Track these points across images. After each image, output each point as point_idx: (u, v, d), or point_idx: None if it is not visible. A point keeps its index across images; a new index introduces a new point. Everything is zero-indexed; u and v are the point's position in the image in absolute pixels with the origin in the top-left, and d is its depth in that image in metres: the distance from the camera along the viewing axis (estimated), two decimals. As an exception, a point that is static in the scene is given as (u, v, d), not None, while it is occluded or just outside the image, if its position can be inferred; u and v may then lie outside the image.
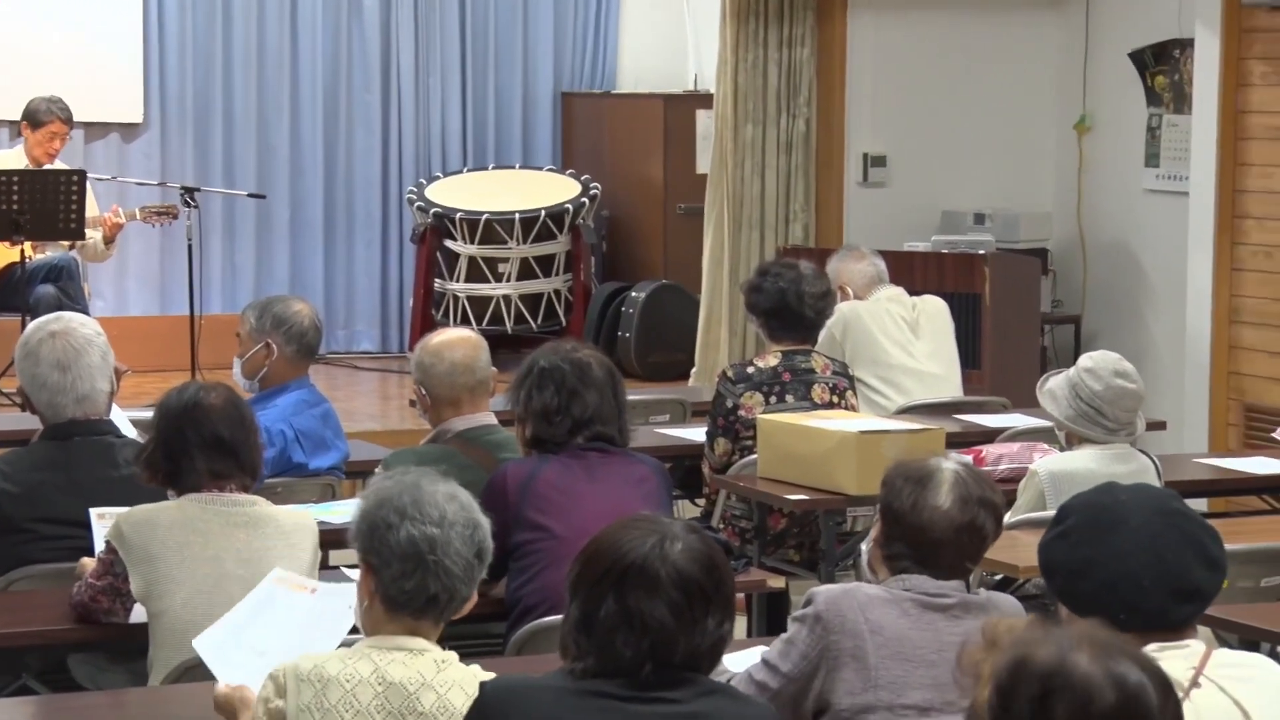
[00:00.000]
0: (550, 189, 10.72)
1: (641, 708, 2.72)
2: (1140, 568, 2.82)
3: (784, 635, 3.63)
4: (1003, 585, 4.96)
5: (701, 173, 9.92)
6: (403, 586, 3.12)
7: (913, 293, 7.39)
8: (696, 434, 6.46)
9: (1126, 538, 2.84)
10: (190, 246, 9.08)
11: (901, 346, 7.16)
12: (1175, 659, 2.80)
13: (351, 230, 11.24)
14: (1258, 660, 2.91)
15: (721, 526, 6.08)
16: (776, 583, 4.95)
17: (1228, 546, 4.76)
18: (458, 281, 10.54)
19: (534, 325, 10.42)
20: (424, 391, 4.91)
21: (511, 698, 2.73)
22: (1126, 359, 5.37)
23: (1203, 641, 2.86)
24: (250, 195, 10.22)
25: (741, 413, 6.11)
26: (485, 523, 3.22)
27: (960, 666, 2.34)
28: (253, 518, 4.13)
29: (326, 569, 4.43)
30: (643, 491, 4.51)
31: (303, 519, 4.25)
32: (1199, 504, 7.23)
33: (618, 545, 2.76)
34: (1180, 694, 2.76)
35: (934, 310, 7.34)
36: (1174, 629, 2.85)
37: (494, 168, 11.20)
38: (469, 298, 10.52)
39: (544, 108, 11.49)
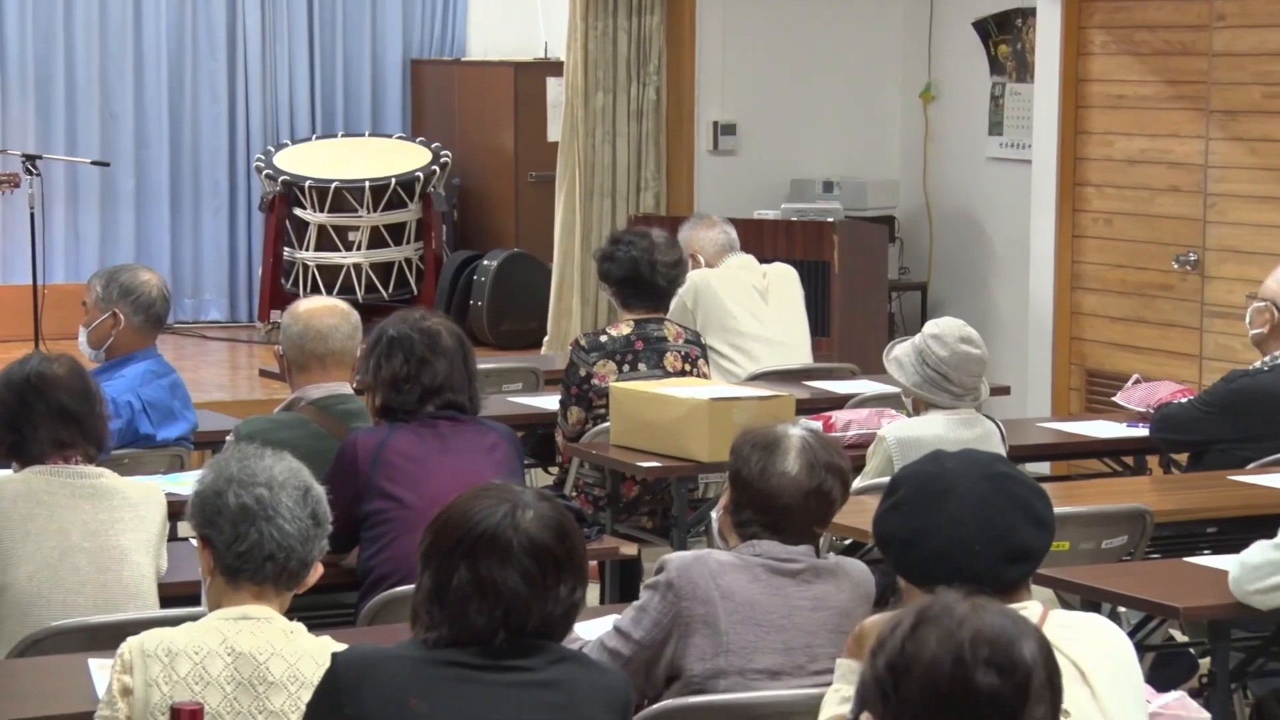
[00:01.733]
0: (400, 157, 10.66)
1: (496, 676, 2.73)
2: (970, 533, 2.87)
3: (636, 602, 3.65)
4: (851, 550, 5.02)
5: (552, 141, 9.91)
6: (237, 550, 3.12)
7: (763, 260, 7.44)
8: (549, 402, 6.47)
9: (955, 504, 2.89)
10: (32, 215, 8.93)
11: (752, 314, 7.21)
12: (1015, 620, 2.86)
13: (198, 198, 11.11)
14: (1093, 620, 2.97)
15: (574, 494, 6.10)
16: (629, 550, 4.97)
17: (1070, 509, 4.88)
18: (307, 250, 10.46)
19: (385, 294, 10.36)
20: (280, 353, 4.90)
21: (364, 669, 2.73)
22: (971, 325, 5.44)
23: (1039, 603, 2.91)
24: (94, 163, 10.07)
25: (594, 381, 6.13)
26: (320, 489, 3.21)
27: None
28: (99, 489, 4.09)
29: (175, 540, 4.40)
30: (494, 460, 4.51)
31: (150, 490, 4.21)
32: (1042, 468, 7.36)
33: (469, 515, 2.77)
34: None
35: (784, 278, 7.39)
36: (1008, 590, 2.90)
37: (343, 135, 11.12)
38: (319, 266, 10.44)
39: (393, 75, 11.42)
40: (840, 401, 6.43)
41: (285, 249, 10.56)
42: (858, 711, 2.17)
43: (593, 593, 5.82)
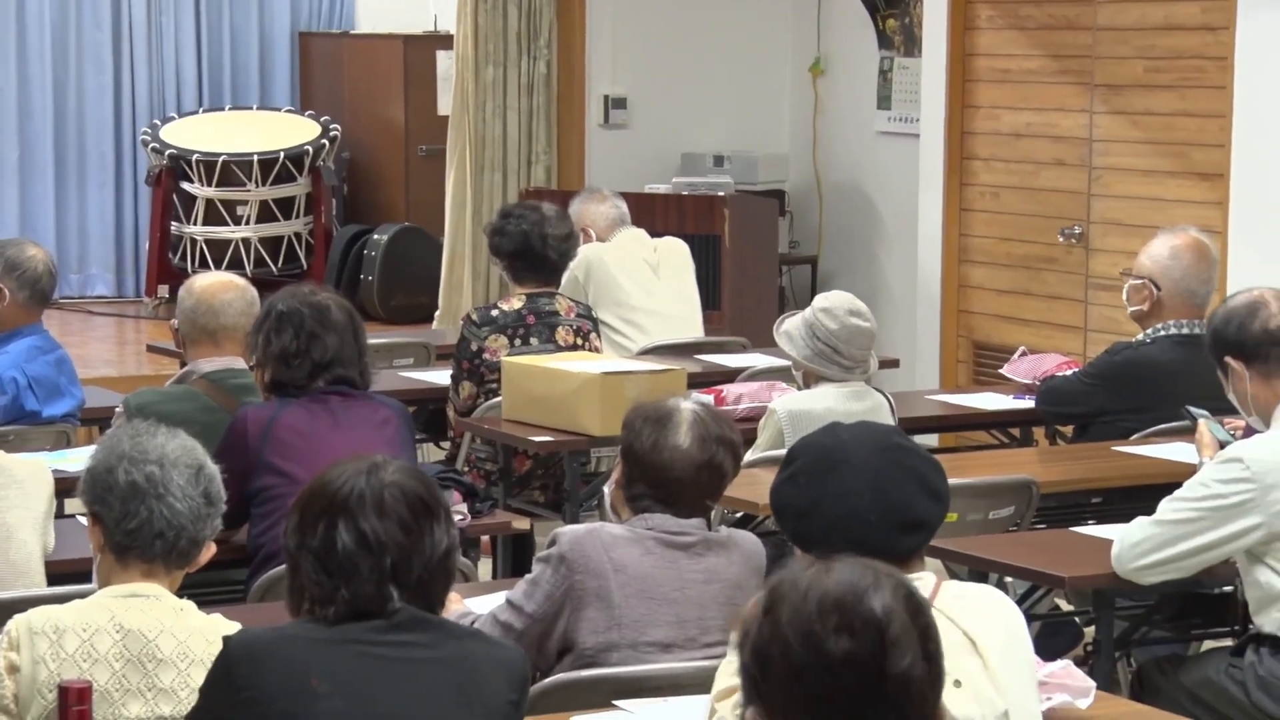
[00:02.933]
0: (289, 130, 10.59)
1: (395, 652, 2.73)
2: (866, 503, 2.90)
3: (529, 576, 3.66)
4: (743, 522, 5.05)
5: (443, 114, 9.87)
6: (126, 527, 3.10)
7: (654, 234, 7.46)
8: (441, 377, 6.46)
9: (851, 475, 2.92)
10: (-86, 189, 8.80)
11: (643, 288, 7.22)
12: (907, 591, 2.89)
13: (84, 172, 10.98)
14: (983, 591, 3.01)
15: (466, 469, 6.09)
16: (521, 524, 4.98)
17: (958, 481, 4.93)
18: (195, 224, 10.37)
19: (274, 269, 10.30)
20: (175, 327, 4.87)
21: (259, 650, 2.72)
22: (861, 298, 5.48)
23: (933, 574, 2.95)
24: (-24, 136, 9.92)
25: (486, 355, 6.13)
26: (214, 468, 3.20)
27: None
28: (-15, 467, 4.04)
29: (61, 518, 4.36)
30: (385, 435, 4.50)
31: (37, 467, 4.18)
32: (930, 439, 7.43)
33: (333, 484, 2.79)
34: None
35: (675, 252, 7.42)
36: (903, 560, 2.93)
37: (231, 109, 11.03)
38: (207, 241, 10.35)
39: (281, 47, 11.33)
40: (731, 375, 6.46)
41: (173, 223, 10.46)
42: (745, 706, 2.16)
43: (485, 567, 5.82)
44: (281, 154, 10.30)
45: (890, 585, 2.13)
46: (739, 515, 5.10)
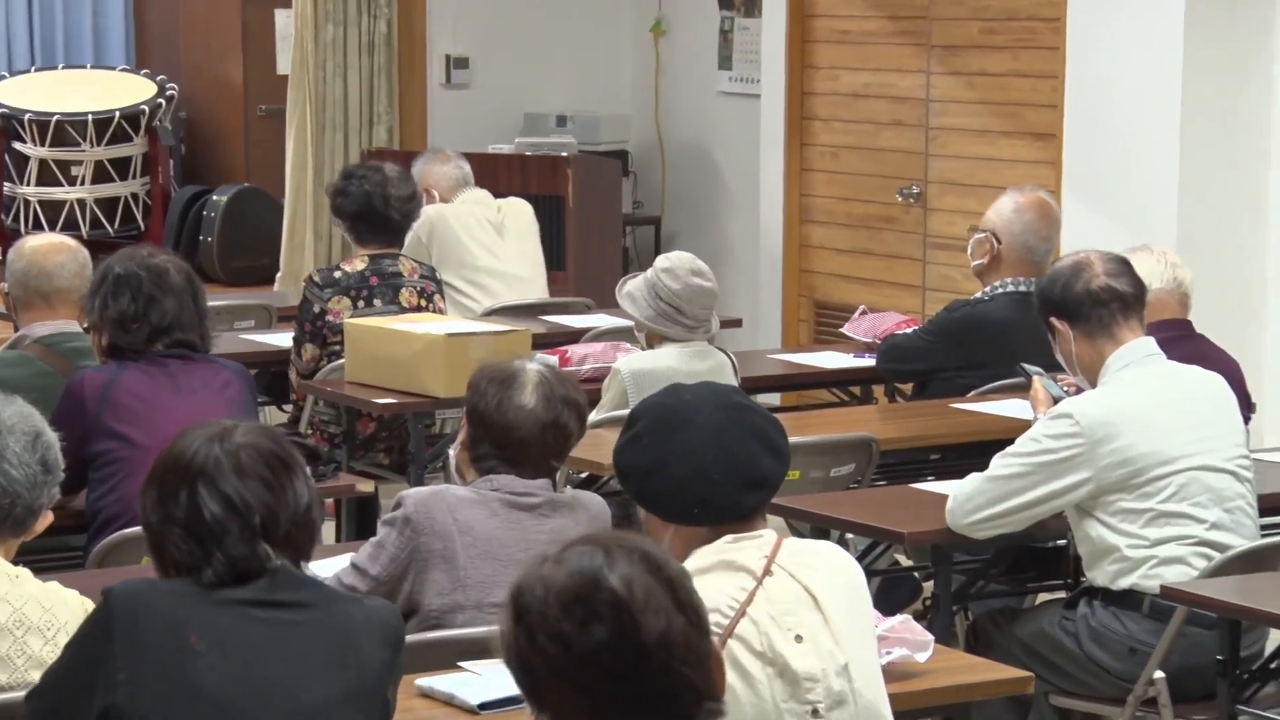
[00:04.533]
0: (124, 90, 10.42)
1: (272, 613, 2.73)
2: (709, 462, 2.93)
3: (373, 539, 3.66)
4: (588, 483, 5.08)
5: (282, 73, 9.77)
6: None
7: (497, 195, 7.45)
8: (283, 339, 6.41)
9: (693, 435, 2.94)
10: None
11: (487, 249, 7.21)
12: (750, 549, 2.93)
13: (-88, 132, 10.73)
14: (825, 547, 3.06)
15: (309, 432, 6.06)
16: (366, 487, 4.97)
17: (800, 439, 4.99)
18: (28, 185, 10.18)
19: (111, 230, 10.14)
20: (6, 291, 4.80)
21: (140, 603, 2.70)
22: (704, 259, 5.52)
23: (774, 531, 2.99)
24: None
25: (329, 317, 6.09)
26: (52, 436, 3.17)
27: None
28: None
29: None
30: (226, 397, 4.48)
31: None
32: (772, 398, 7.50)
33: (186, 452, 2.78)
34: (754, 582, 2.90)
35: (518, 212, 7.41)
36: (746, 519, 2.96)
37: (64, 67, 10.82)
38: (41, 202, 10.17)
39: (115, 5, 11.13)
40: (576, 335, 6.48)
41: (5, 184, 10.26)
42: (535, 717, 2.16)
43: (329, 530, 5.80)
44: (117, 113, 10.14)
45: (623, 553, 2.13)
46: (584, 476, 5.13)
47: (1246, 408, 4.76)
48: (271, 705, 2.68)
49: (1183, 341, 4.84)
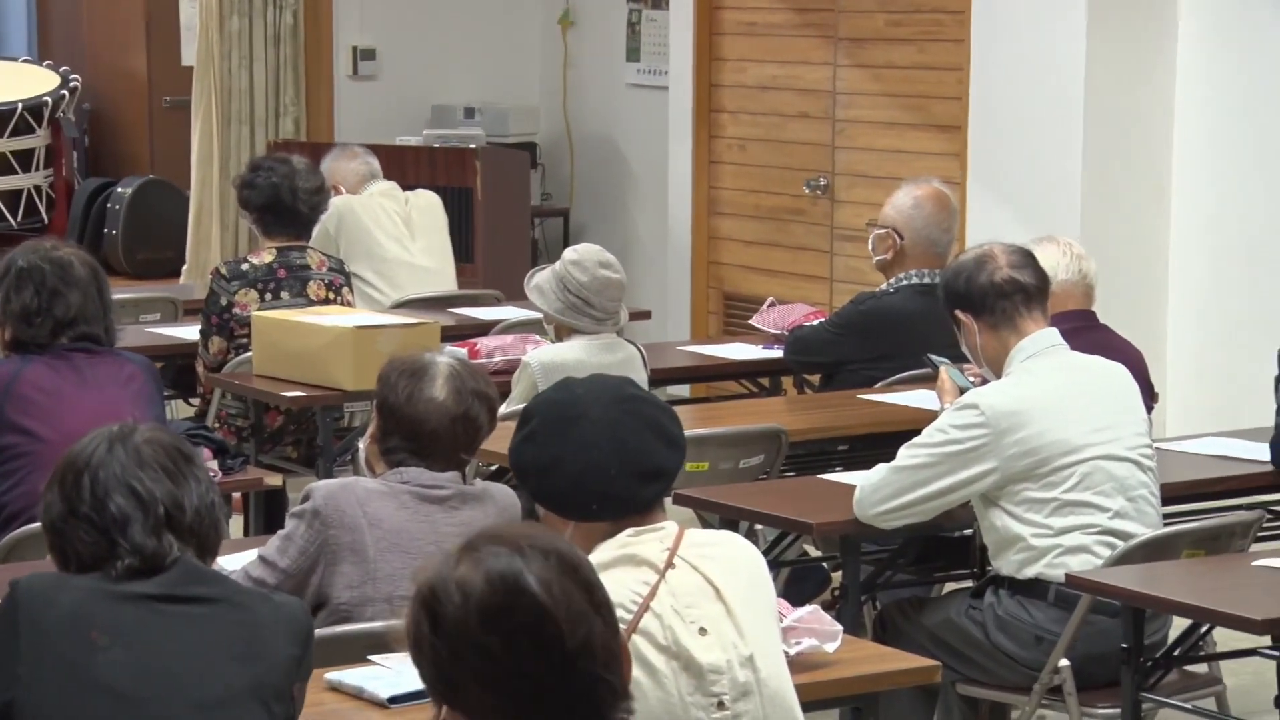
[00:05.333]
0: (26, 81, 10.30)
1: (178, 608, 2.73)
2: (605, 456, 2.92)
3: (282, 532, 3.64)
4: (497, 475, 5.08)
5: (187, 65, 9.69)
6: None
7: (405, 187, 7.43)
8: (189, 332, 6.37)
9: (588, 429, 2.93)
10: None
11: (396, 241, 7.20)
12: (651, 541, 2.93)
13: None
14: (726, 538, 3.06)
15: (216, 426, 6.02)
16: (274, 480, 4.94)
17: (709, 430, 5.01)
18: (-71, 177, 10.06)
19: (14, 223, 10.03)
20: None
21: (46, 596, 2.69)
22: (613, 251, 5.53)
23: (675, 523, 2.99)
24: None
25: (236, 310, 6.06)
26: None
27: None
28: None
29: None
30: (132, 391, 4.45)
31: None
32: (682, 390, 7.52)
33: (86, 451, 2.79)
34: (656, 575, 2.90)
35: (427, 205, 7.40)
36: (645, 511, 2.96)
37: (-35, 58, 10.70)
38: (-58, 194, 10.06)
39: (17, -5, 11.02)
40: (485, 328, 6.47)
41: (-95, 176, 10.14)
42: (438, 712, 2.13)
43: (237, 524, 5.77)
44: (19, 105, 10.03)
45: (538, 555, 2.10)
46: (494, 468, 5.13)
47: (1149, 397, 4.82)
48: (173, 699, 2.68)
49: (1087, 332, 4.89)
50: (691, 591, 2.90)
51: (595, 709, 2.09)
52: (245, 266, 6.14)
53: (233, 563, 3.70)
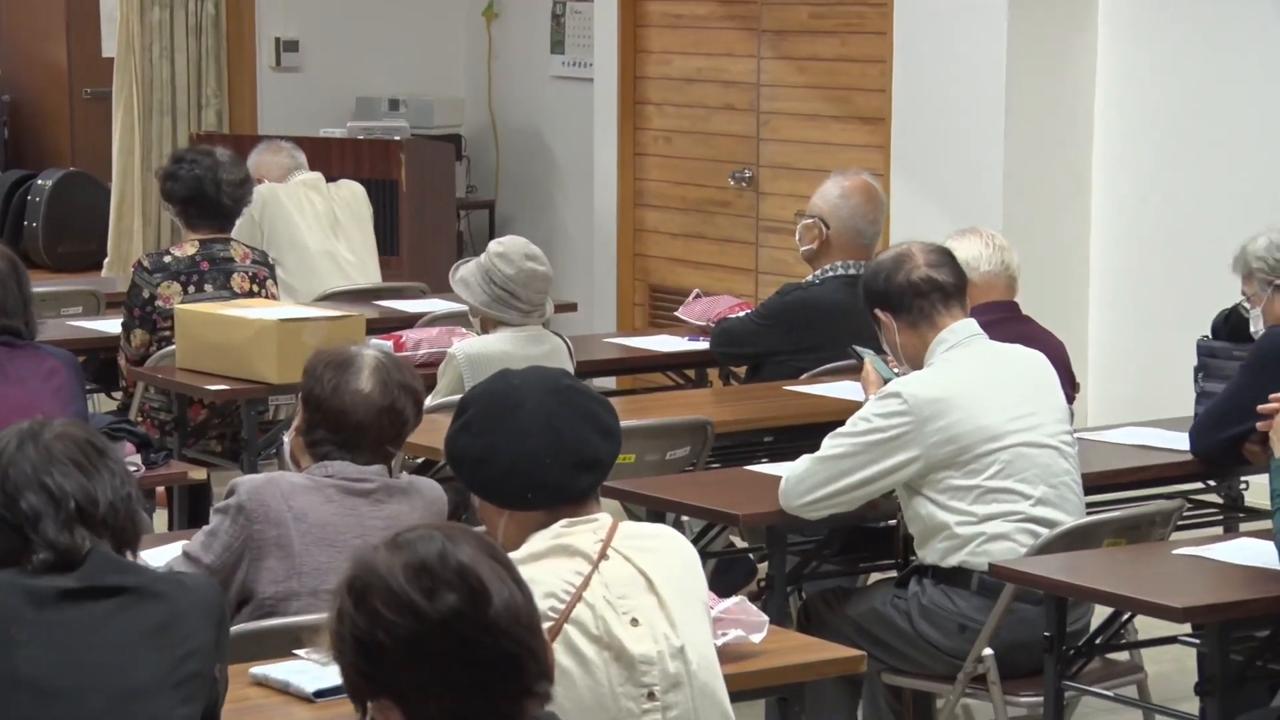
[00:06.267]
0: (-56, 73, 10.21)
1: (94, 599, 2.72)
2: (541, 446, 2.94)
3: (206, 527, 3.63)
4: (424, 469, 5.07)
5: (108, 56, 9.62)
6: None
7: (330, 179, 7.40)
8: (111, 326, 6.33)
9: (524, 420, 2.95)
10: None
11: (321, 233, 7.17)
12: (585, 533, 2.94)
13: None
14: (660, 530, 3.08)
15: (140, 419, 5.99)
16: (198, 475, 4.92)
17: (635, 422, 5.02)
18: None
19: (-68, 216, 9.94)
20: None
21: None
22: (539, 243, 5.53)
23: (609, 515, 3.00)
24: None
25: (159, 303, 6.03)
26: None
27: None
28: None
29: None
30: (53, 386, 4.42)
31: None
32: (608, 382, 7.53)
33: (3, 446, 2.79)
34: (589, 566, 2.91)
35: (351, 197, 7.37)
36: (580, 502, 2.98)
37: (-119, 49, 10.59)
38: None
39: (-66, -14, 10.91)
40: (410, 320, 6.46)
41: None
42: (363, 709, 2.14)
43: (161, 519, 5.74)
44: (-63, 97, 9.94)
45: (461, 535, 2.16)
46: (420, 461, 5.12)
47: (1071, 388, 4.86)
48: (94, 691, 2.68)
49: (1010, 323, 4.93)
50: (624, 582, 2.91)
51: (519, 675, 2.12)
52: (168, 259, 6.11)
53: (157, 558, 3.69)
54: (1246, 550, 4.02)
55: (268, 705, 3.23)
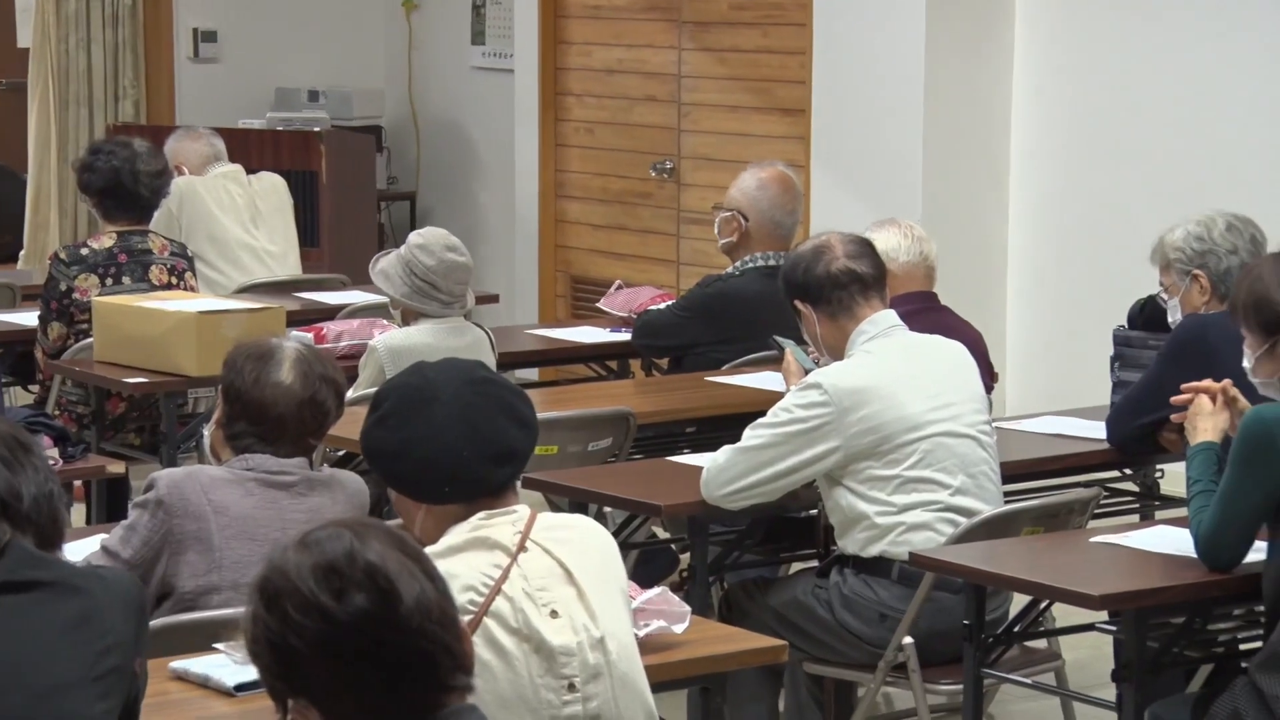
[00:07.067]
0: None
1: (11, 595, 2.70)
2: (457, 438, 2.93)
3: (125, 521, 3.61)
4: (345, 461, 5.05)
5: (23, 46, 9.53)
6: None
7: (249, 171, 7.36)
8: (28, 318, 6.28)
9: (440, 412, 2.94)
10: None
11: (240, 225, 7.13)
12: (503, 525, 2.94)
13: None
14: (578, 521, 3.08)
15: (57, 413, 5.94)
16: (116, 468, 4.89)
17: (558, 414, 5.02)
18: None
19: None
20: None
21: None
22: (460, 234, 5.52)
23: (528, 506, 3.00)
24: None
25: (76, 295, 5.98)
26: None
27: None
28: None
29: None
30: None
31: None
32: (530, 373, 7.53)
33: None
34: (508, 558, 2.91)
35: (271, 188, 7.34)
36: (498, 494, 2.97)
37: None
38: None
39: None
40: (331, 312, 6.44)
41: None
42: (283, 712, 2.13)
43: (79, 513, 5.70)
44: None
45: (370, 531, 2.15)
46: (341, 454, 5.10)
47: (989, 377, 4.89)
48: (13, 687, 2.65)
49: (929, 313, 4.96)
50: (543, 574, 2.91)
51: (434, 672, 2.11)
52: (85, 251, 6.06)
53: (76, 552, 3.66)
54: (1162, 538, 4.06)
55: (188, 699, 3.21)
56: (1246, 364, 3.86)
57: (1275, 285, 3.78)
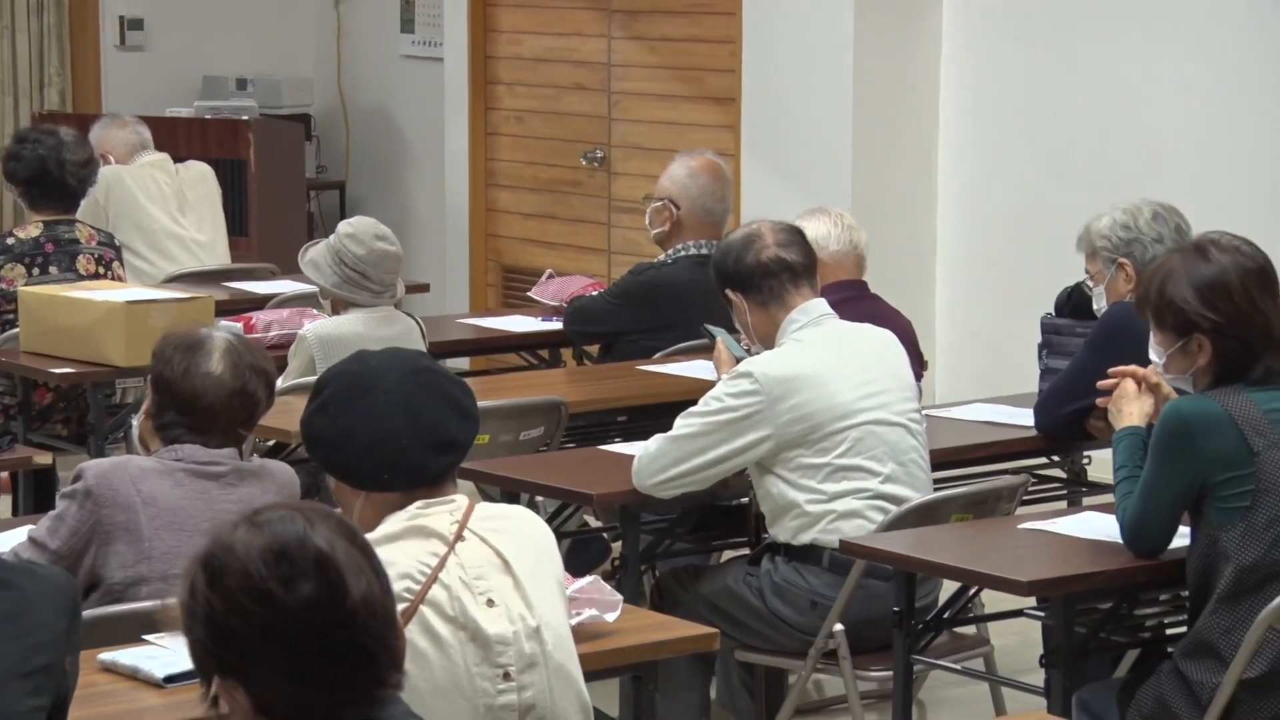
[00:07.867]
0: None
1: None
2: (398, 427, 2.94)
3: (53, 512, 3.59)
4: (275, 451, 5.04)
5: (-53, 34, 9.45)
6: None
7: (177, 159, 7.32)
8: (-47, 309, 6.23)
9: (381, 401, 2.94)
10: None
11: (168, 213, 7.10)
12: (441, 514, 2.95)
13: None
14: (515, 511, 3.09)
15: (-17, 404, 5.90)
16: (43, 459, 4.86)
17: (489, 403, 5.01)
18: None
19: None
20: None
21: None
22: (390, 223, 5.51)
23: (465, 496, 3.01)
24: None
25: (2, 285, 5.94)
26: None
27: None
28: None
29: None
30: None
31: None
32: (461, 363, 7.52)
33: None
34: (445, 547, 2.91)
35: (199, 177, 7.30)
36: (436, 483, 2.98)
37: None
38: None
39: None
40: (261, 302, 6.41)
41: None
42: (206, 684, 2.11)
43: (5, 504, 5.65)
44: None
45: (321, 519, 2.12)
46: (271, 444, 5.09)
47: (919, 365, 4.92)
48: None
49: (859, 301, 4.98)
50: (480, 563, 2.92)
51: (371, 668, 2.10)
52: (11, 241, 6.02)
53: (2, 543, 3.64)
54: (1089, 524, 4.10)
55: (116, 691, 3.20)
56: (1155, 359, 3.82)
57: (1187, 286, 3.74)
